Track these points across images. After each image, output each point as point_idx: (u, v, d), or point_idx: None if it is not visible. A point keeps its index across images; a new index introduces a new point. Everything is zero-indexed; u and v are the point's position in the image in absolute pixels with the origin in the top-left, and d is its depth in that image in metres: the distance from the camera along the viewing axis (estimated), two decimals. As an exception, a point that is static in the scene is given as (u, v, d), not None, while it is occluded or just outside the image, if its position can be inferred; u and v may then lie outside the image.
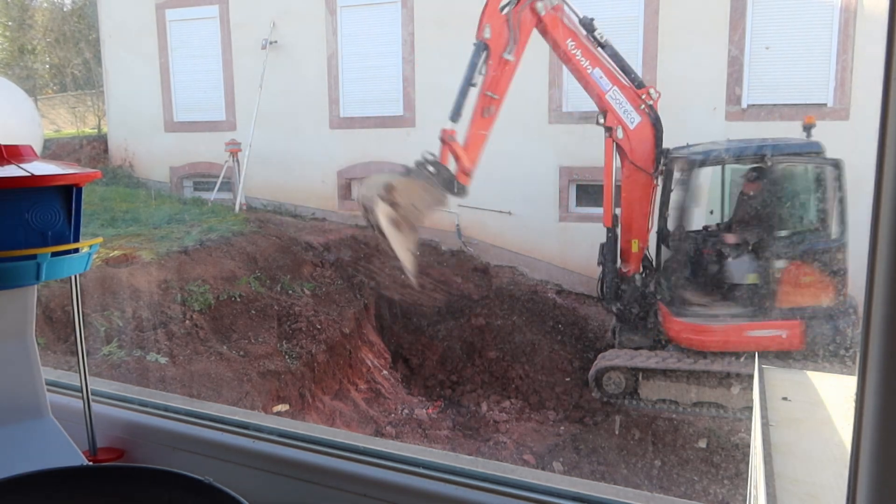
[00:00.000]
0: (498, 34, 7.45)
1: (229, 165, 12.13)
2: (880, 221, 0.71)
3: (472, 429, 7.29)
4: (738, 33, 9.75)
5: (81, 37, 19.79)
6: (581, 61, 7.78)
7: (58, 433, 1.64)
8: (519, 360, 8.33)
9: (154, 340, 6.53)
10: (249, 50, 12.50)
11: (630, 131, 7.73)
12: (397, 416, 7.44)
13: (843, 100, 9.35)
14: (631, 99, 7.71)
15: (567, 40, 7.77)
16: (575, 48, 7.76)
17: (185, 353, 6.50)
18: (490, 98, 7.56)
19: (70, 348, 5.99)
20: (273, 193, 12.66)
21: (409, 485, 1.50)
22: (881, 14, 1.89)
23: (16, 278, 1.44)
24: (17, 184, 1.40)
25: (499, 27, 7.44)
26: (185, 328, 6.80)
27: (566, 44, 7.77)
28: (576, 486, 1.45)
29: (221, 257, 8.13)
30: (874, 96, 0.71)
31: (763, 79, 9.73)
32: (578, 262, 10.76)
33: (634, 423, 7.08)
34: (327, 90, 12.23)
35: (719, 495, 6.12)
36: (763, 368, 3.27)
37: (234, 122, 12.97)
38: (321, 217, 12.21)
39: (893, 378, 0.70)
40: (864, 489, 0.74)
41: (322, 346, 7.32)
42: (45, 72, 21.91)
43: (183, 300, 7.11)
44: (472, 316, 9.04)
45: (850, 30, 9.21)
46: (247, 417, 1.81)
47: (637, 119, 7.71)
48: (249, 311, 7.44)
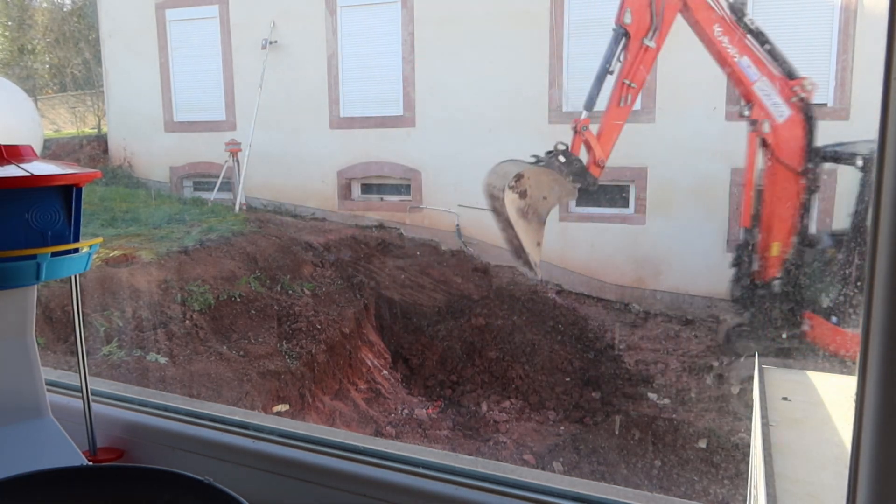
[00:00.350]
0: (640, 19, 7.12)
1: (229, 165, 12.13)
2: (880, 221, 0.71)
3: (472, 429, 7.29)
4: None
5: (81, 37, 19.79)
6: (728, 49, 7.25)
7: (58, 433, 1.64)
8: (519, 361, 8.33)
9: (154, 340, 6.53)
10: (249, 50, 12.51)
11: (778, 125, 7.15)
12: (397, 416, 7.44)
13: (843, 100, 9.36)
14: (781, 90, 7.14)
15: (714, 25, 7.25)
16: (722, 34, 7.24)
17: (184, 353, 6.50)
18: (628, 87, 7.22)
19: (70, 348, 5.99)
20: (273, 193, 12.67)
21: (409, 485, 1.50)
22: (881, 14, 1.89)
23: (16, 278, 1.44)
24: (17, 184, 1.40)
25: (641, 11, 7.11)
26: (185, 328, 6.80)
27: (712, 29, 7.26)
28: (576, 486, 1.45)
29: (221, 257, 8.13)
30: (874, 96, 0.71)
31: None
32: (578, 262, 10.77)
33: (634, 423, 7.08)
34: (327, 90, 12.23)
35: (719, 495, 6.12)
36: (763, 368, 3.27)
37: (234, 122, 12.98)
38: (321, 217, 12.21)
39: (893, 378, 0.70)
40: (864, 489, 0.74)
41: (322, 346, 7.32)
42: (45, 72, 21.91)
43: (183, 300, 7.11)
44: (472, 316, 9.03)
45: (850, 30, 9.21)
46: (247, 417, 1.81)
47: (787, 112, 7.13)
48: (249, 311, 7.44)
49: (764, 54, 7.30)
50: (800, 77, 7.19)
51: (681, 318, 9.96)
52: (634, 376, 8.42)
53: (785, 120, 7.16)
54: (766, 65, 7.24)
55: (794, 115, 7.16)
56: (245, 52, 12.63)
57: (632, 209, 10.63)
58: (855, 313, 6.81)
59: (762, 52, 7.29)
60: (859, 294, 7.13)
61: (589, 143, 7.22)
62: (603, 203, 10.92)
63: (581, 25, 10.62)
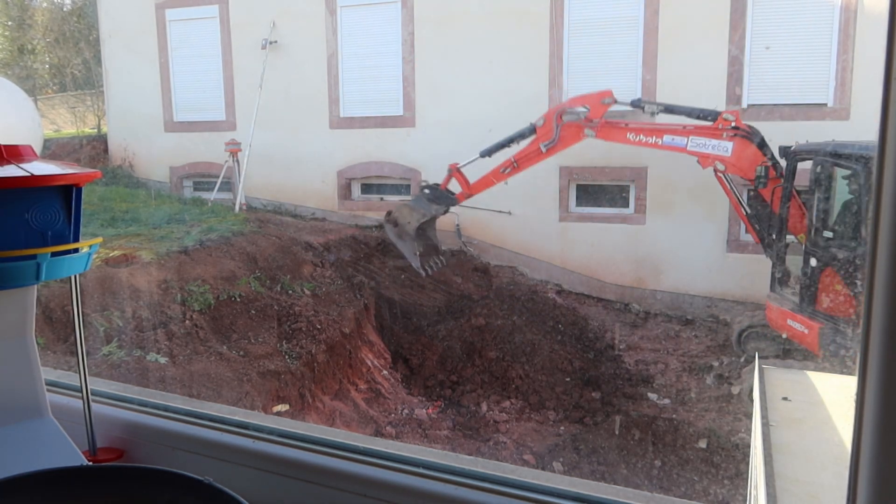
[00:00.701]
0: (545, 132, 8.79)
1: (229, 165, 12.13)
2: (880, 221, 0.71)
3: (472, 429, 7.29)
4: (738, 33, 9.75)
5: (81, 37, 19.80)
6: (648, 141, 8.37)
7: (58, 433, 1.64)
8: (519, 360, 8.33)
9: (154, 340, 6.53)
10: (249, 50, 12.51)
11: (728, 159, 7.94)
12: (397, 416, 7.44)
13: (843, 100, 9.35)
14: (711, 134, 7.98)
15: (626, 135, 8.56)
16: (636, 136, 8.48)
17: (184, 353, 6.50)
18: (514, 167, 9.03)
19: (70, 348, 5.99)
20: (273, 193, 12.67)
21: (409, 485, 1.50)
22: (881, 14, 1.89)
23: (16, 278, 1.44)
24: (17, 184, 1.40)
25: (549, 127, 8.77)
26: (185, 328, 6.80)
27: (628, 139, 8.56)
28: (576, 486, 1.45)
29: (221, 257, 8.13)
30: (874, 96, 0.71)
31: (763, 79, 9.73)
32: (578, 262, 10.77)
33: (634, 423, 7.08)
34: (327, 90, 12.23)
35: (719, 495, 6.12)
36: (763, 368, 3.27)
37: (234, 122, 12.98)
38: (321, 217, 12.21)
39: (893, 378, 0.70)
40: (864, 489, 0.74)
41: (322, 346, 7.32)
42: (45, 72, 21.92)
43: (183, 300, 7.11)
44: (472, 316, 9.03)
45: (850, 30, 9.21)
46: (247, 417, 1.81)
47: (729, 145, 7.91)
48: (249, 311, 7.44)
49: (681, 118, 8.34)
50: (720, 113, 8.03)
51: (681, 318, 9.96)
52: (634, 376, 8.42)
53: (732, 151, 7.92)
54: (684, 128, 8.23)
55: (737, 142, 7.90)
56: (245, 52, 12.63)
57: (632, 209, 10.63)
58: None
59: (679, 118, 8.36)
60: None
61: (460, 181, 9.37)
62: (603, 203, 10.92)
63: (581, 25, 10.62)
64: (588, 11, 10.60)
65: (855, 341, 7.02)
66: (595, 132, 8.63)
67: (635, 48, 10.30)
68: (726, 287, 9.95)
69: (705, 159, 8.09)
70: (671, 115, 8.60)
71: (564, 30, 10.66)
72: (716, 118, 8.04)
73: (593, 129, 8.62)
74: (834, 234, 7.10)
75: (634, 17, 10.28)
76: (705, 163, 8.12)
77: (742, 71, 9.77)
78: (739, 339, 8.26)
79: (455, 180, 9.40)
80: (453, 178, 9.38)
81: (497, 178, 9.14)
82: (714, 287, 10.03)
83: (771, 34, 9.66)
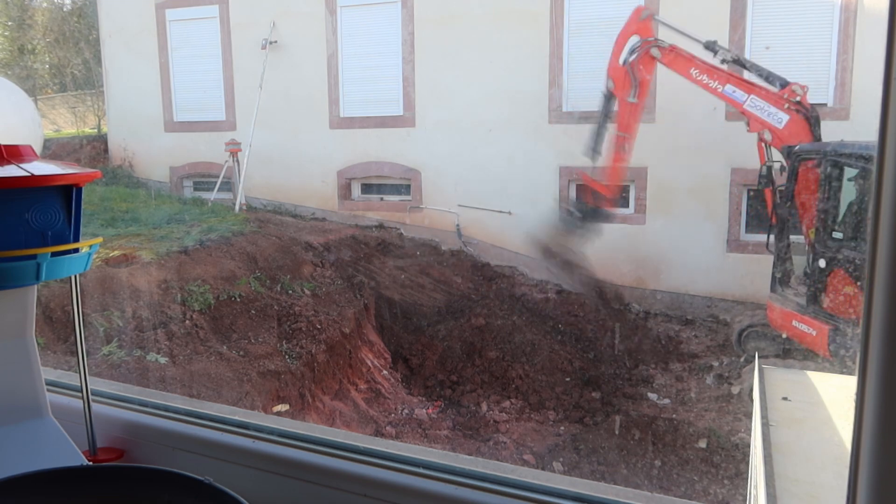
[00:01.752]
0: (621, 85, 8.58)
1: (229, 165, 12.13)
2: (880, 221, 0.71)
3: (472, 429, 7.29)
4: (738, 33, 9.75)
5: (81, 37, 19.79)
6: (709, 84, 8.21)
7: (58, 433, 1.64)
8: (519, 360, 8.33)
9: (154, 340, 6.53)
10: (249, 50, 12.51)
11: (779, 131, 7.81)
12: (397, 416, 7.44)
13: (843, 100, 9.35)
14: (773, 101, 7.84)
15: (690, 70, 8.34)
16: (699, 74, 8.28)
17: (184, 353, 6.50)
18: (622, 137, 8.75)
19: (70, 348, 5.99)
20: (273, 193, 12.67)
21: (409, 485, 1.50)
22: (881, 14, 1.89)
23: (16, 278, 1.44)
24: (17, 184, 1.40)
25: (621, 79, 8.58)
26: (185, 328, 6.80)
27: (690, 74, 8.34)
28: (576, 486, 1.45)
29: (221, 257, 8.13)
30: (874, 96, 0.71)
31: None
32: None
33: (634, 423, 7.08)
34: (327, 90, 12.23)
35: (719, 495, 6.12)
36: (763, 368, 3.27)
37: (234, 122, 12.98)
38: (321, 217, 12.21)
39: (893, 378, 0.70)
40: (864, 489, 0.74)
41: (322, 346, 7.32)
42: (45, 72, 21.92)
43: (183, 300, 7.11)
44: (472, 316, 9.03)
45: (850, 30, 9.21)
46: (247, 417, 1.81)
47: (784, 118, 7.78)
48: (249, 311, 7.44)
49: (750, 75, 8.19)
50: (789, 84, 7.85)
51: (681, 318, 9.96)
52: (634, 376, 8.42)
53: (784, 125, 7.75)
54: (751, 84, 8.06)
55: (793, 118, 7.72)
56: (245, 52, 12.63)
57: (632, 209, 10.63)
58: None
59: (747, 74, 8.20)
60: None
61: (595, 186, 9.05)
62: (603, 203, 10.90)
63: (581, 25, 10.62)
64: (588, 11, 10.60)
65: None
66: (662, 54, 8.37)
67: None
68: (726, 287, 9.95)
69: (756, 123, 7.93)
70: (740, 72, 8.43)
71: (564, 30, 10.66)
72: (784, 86, 7.87)
73: (660, 50, 8.37)
74: (843, 234, 7.09)
75: (634, 17, 10.26)
76: (754, 126, 7.95)
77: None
78: (739, 338, 8.26)
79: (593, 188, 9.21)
80: (590, 186, 9.19)
81: (619, 159, 8.85)
82: (714, 287, 10.02)
83: (771, 34, 9.66)
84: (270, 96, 12.21)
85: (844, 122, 9.23)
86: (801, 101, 7.76)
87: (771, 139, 7.88)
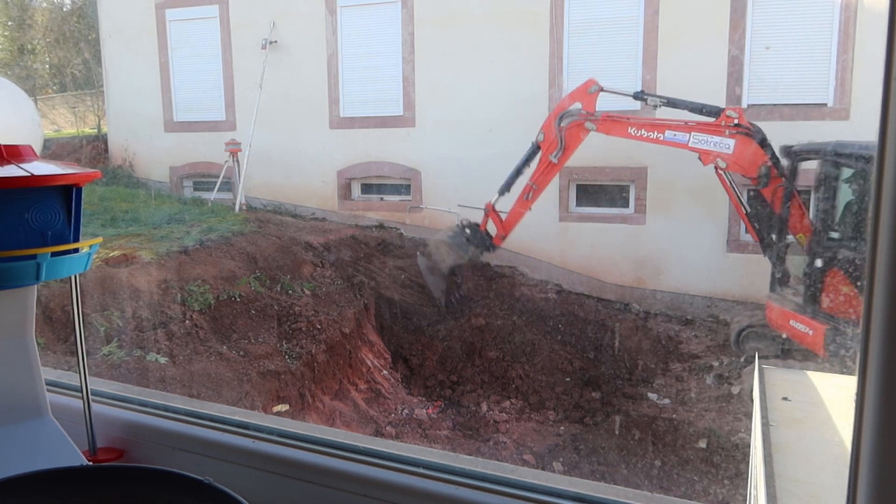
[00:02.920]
0: (549, 143, 8.72)
1: (229, 165, 12.13)
2: (880, 221, 0.71)
3: (472, 429, 7.29)
4: (738, 33, 9.75)
5: (81, 37, 19.79)
6: (650, 136, 8.32)
7: (58, 433, 1.64)
8: (519, 360, 8.33)
9: (154, 340, 6.53)
10: (249, 50, 12.51)
11: (730, 156, 7.92)
12: (397, 416, 7.44)
13: (843, 100, 9.35)
14: (713, 131, 7.96)
15: (628, 129, 8.46)
16: (637, 131, 8.40)
17: (184, 353, 6.50)
18: (532, 188, 8.98)
19: (70, 348, 5.99)
20: (273, 193, 12.66)
21: (409, 485, 1.50)
22: (881, 14, 1.89)
23: (16, 278, 1.44)
24: (17, 184, 1.40)
25: (551, 136, 8.71)
26: (185, 328, 6.80)
27: (630, 133, 8.46)
28: (576, 486, 1.45)
29: (221, 257, 8.13)
30: (874, 96, 0.71)
31: (763, 79, 9.73)
32: (578, 262, 10.77)
33: (634, 423, 7.08)
34: (327, 90, 12.23)
35: (719, 495, 6.12)
36: (763, 368, 3.27)
37: (234, 122, 12.98)
38: (321, 217, 12.21)
39: (893, 378, 0.70)
40: (864, 489, 0.74)
41: (322, 346, 7.32)
42: (45, 72, 21.91)
43: (183, 300, 7.11)
44: (472, 316, 9.04)
45: (850, 30, 9.21)
46: (247, 417, 1.81)
47: (731, 143, 7.89)
48: (249, 311, 7.44)
49: (684, 114, 8.28)
50: (723, 111, 7.99)
51: (681, 318, 9.96)
52: (634, 376, 8.42)
53: (733, 149, 7.90)
54: (688, 124, 8.17)
55: (739, 140, 7.87)
56: (245, 52, 12.62)
57: (632, 209, 10.63)
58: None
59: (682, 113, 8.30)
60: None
61: (495, 222, 9.25)
62: (603, 203, 10.92)
63: (581, 25, 10.62)
64: (588, 11, 10.60)
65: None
66: (596, 126, 8.53)
67: (635, 48, 10.30)
68: (726, 287, 9.95)
69: (706, 156, 8.06)
70: (673, 111, 8.53)
71: (564, 30, 10.66)
72: (718, 114, 7.99)
73: (594, 123, 8.53)
74: (840, 234, 7.09)
75: (634, 17, 10.28)
76: (706, 160, 8.09)
77: (742, 71, 9.77)
78: (738, 338, 8.27)
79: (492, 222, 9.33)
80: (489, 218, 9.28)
81: (523, 206, 9.08)
82: (714, 287, 10.02)
83: (771, 34, 9.66)
84: (270, 96, 12.21)
85: (844, 122, 9.24)
86: (739, 123, 7.88)
87: (726, 166, 8.00)
